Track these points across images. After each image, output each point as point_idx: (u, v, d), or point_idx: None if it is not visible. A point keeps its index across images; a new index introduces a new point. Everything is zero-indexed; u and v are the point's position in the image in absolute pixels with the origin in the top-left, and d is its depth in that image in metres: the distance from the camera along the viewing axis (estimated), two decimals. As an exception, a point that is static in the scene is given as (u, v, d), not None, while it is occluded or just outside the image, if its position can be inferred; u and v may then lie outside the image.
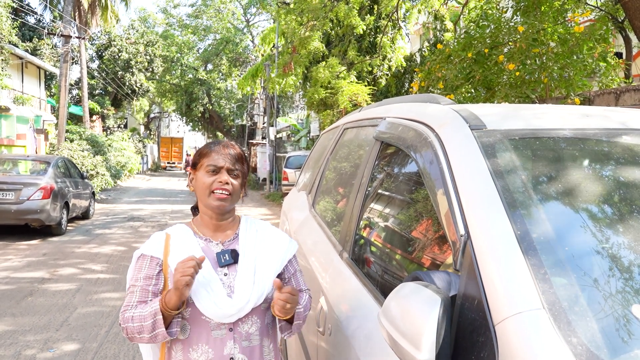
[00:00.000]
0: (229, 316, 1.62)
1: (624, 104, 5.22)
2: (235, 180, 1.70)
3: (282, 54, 14.08)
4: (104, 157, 20.55)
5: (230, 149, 1.73)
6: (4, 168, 11.11)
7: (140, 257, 1.70)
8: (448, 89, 6.29)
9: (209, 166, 1.68)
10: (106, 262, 8.12)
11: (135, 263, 1.70)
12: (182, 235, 1.73)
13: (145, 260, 1.68)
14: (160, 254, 1.68)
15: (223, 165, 1.68)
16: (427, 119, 1.74)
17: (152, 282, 1.65)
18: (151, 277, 1.65)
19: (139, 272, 1.66)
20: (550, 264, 1.08)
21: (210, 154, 1.70)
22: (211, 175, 1.68)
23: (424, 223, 1.68)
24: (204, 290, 1.61)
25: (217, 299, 1.61)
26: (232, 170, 1.69)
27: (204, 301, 1.60)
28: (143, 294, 1.64)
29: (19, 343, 4.65)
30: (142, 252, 1.69)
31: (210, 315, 1.61)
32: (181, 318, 1.63)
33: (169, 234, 1.74)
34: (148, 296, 1.63)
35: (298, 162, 17.05)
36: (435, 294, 1.09)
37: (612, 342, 0.96)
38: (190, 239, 1.72)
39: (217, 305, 1.60)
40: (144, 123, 44.89)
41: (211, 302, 1.60)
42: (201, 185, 1.69)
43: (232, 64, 38.22)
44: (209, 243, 1.73)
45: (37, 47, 25.65)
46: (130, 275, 1.70)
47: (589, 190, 1.35)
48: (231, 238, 1.75)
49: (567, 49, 5.65)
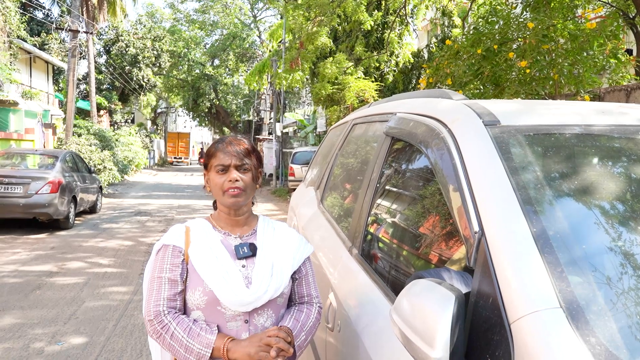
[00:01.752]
0: (246, 304, 1.62)
1: (635, 100, 5.16)
2: (245, 175, 1.70)
3: (290, 50, 14.03)
4: (112, 152, 20.61)
5: (235, 145, 1.72)
6: (13, 162, 11.17)
7: (161, 248, 1.70)
8: (456, 85, 6.25)
9: (218, 166, 1.69)
10: (113, 256, 8.15)
11: (155, 255, 1.71)
12: (202, 228, 1.74)
13: (168, 250, 1.68)
14: (182, 243, 1.69)
15: (230, 163, 1.68)
16: (440, 115, 1.72)
17: (178, 270, 1.65)
18: (177, 266, 1.65)
19: (162, 263, 1.66)
20: (567, 261, 1.06)
21: (217, 154, 1.71)
22: (221, 175, 1.69)
23: (435, 219, 1.66)
24: (223, 279, 1.62)
25: (235, 288, 1.61)
26: (240, 166, 1.69)
27: (222, 289, 1.60)
28: (172, 285, 1.63)
29: (27, 336, 4.68)
30: (164, 243, 1.70)
31: (228, 303, 1.61)
32: (196, 308, 1.64)
33: (189, 226, 1.75)
34: (177, 287, 1.63)
35: (304, 158, 17.04)
36: (450, 291, 1.08)
37: (632, 342, 0.94)
38: (209, 231, 1.73)
39: (234, 292, 1.61)
40: (151, 118, 44.98)
41: (229, 290, 1.61)
42: (214, 186, 1.71)
43: (239, 60, 38.22)
44: (228, 236, 1.74)
45: (45, 42, 25.75)
46: (152, 267, 1.70)
47: (605, 187, 1.33)
48: (249, 233, 1.77)
49: (577, 45, 5.59)
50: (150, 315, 1.60)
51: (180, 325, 1.58)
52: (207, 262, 1.64)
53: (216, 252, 1.67)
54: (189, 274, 1.66)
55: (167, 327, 1.58)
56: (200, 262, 1.64)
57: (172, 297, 1.62)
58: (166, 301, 1.61)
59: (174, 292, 1.62)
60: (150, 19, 38.28)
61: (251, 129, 39.92)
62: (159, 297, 1.61)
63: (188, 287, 1.65)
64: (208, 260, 1.64)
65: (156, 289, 1.63)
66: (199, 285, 1.63)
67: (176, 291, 1.63)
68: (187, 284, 1.65)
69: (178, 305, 1.63)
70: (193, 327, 1.58)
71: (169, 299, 1.62)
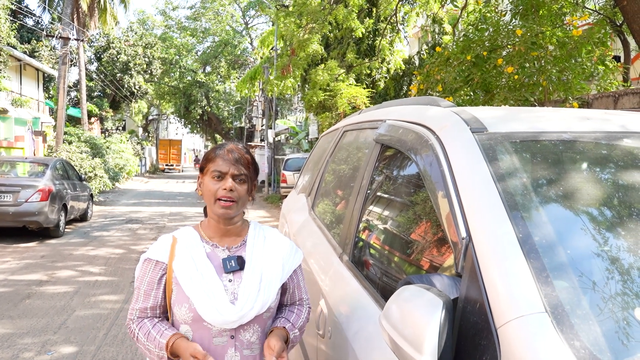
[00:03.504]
0: (230, 322, 1.61)
1: (622, 107, 5.23)
2: (240, 186, 1.67)
3: (281, 57, 14.07)
4: (102, 159, 20.51)
5: (236, 153, 1.68)
6: (2, 170, 11.08)
7: (145, 260, 1.72)
8: (447, 91, 6.29)
9: (214, 172, 1.66)
10: (104, 264, 8.10)
11: (141, 265, 1.73)
12: (189, 240, 1.72)
13: (150, 265, 1.70)
14: (165, 258, 1.69)
15: (227, 171, 1.65)
16: (428, 122, 1.74)
17: (153, 287, 1.69)
18: (153, 282, 1.69)
19: (143, 276, 1.70)
20: (552, 267, 1.08)
21: (216, 159, 1.68)
22: (216, 182, 1.66)
23: (425, 226, 1.68)
24: (206, 296, 1.60)
25: (219, 306, 1.60)
26: (237, 176, 1.66)
27: (205, 307, 1.59)
28: (145, 299, 1.69)
29: (16, 346, 4.63)
30: (148, 256, 1.71)
31: (211, 321, 1.60)
32: (184, 323, 1.66)
33: (176, 237, 1.73)
34: (149, 301, 1.68)
35: (296, 165, 17.05)
36: (437, 297, 1.09)
37: (615, 345, 0.95)
38: (196, 244, 1.71)
39: (218, 311, 1.59)
40: (143, 125, 44.85)
41: (213, 308, 1.59)
42: (207, 192, 1.68)
43: (230, 66, 38.26)
44: (215, 248, 1.72)
45: (35, 49, 25.64)
46: (137, 275, 1.74)
47: (590, 193, 1.35)
48: (238, 244, 1.74)
49: (565, 52, 5.65)
50: (128, 320, 1.71)
51: (141, 330, 1.65)
52: (190, 277, 1.63)
53: (201, 267, 1.65)
54: (175, 288, 1.65)
55: (134, 333, 1.67)
56: (184, 278, 1.63)
57: (143, 309, 1.68)
58: (138, 312, 1.68)
59: (145, 306, 1.68)
60: (142, 26, 38.21)
61: (243, 135, 39.91)
62: (134, 308, 1.70)
63: (175, 302, 1.65)
64: (191, 276, 1.63)
65: (134, 299, 1.71)
66: (185, 302, 1.62)
67: (147, 305, 1.68)
68: (174, 298, 1.65)
69: (149, 316, 1.68)
70: (152, 331, 1.63)
71: (140, 310, 1.68)
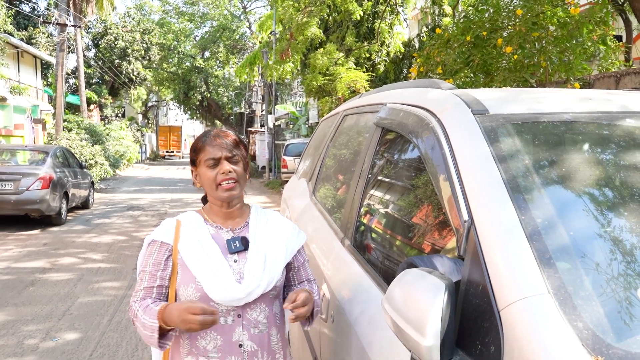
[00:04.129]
0: (237, 300, 1.63)
1: (624, 87, 5.20)
2: (236, 166, 1.69)
3: (280, 41, 13.97)
4: (103, 147, 20.48)
5: (223, 137, 1.71)
6: (3, 158, 11.07)
7: (150, 242, 1.73)
8: (447, 73, 6.25)
9: (208, 160, 1.68)
10: (106, 251, 8.13)
11: (145, 249, 1.74)
12: (193, 222, 1.74)
13: (156, 246, 1.71)
14: (170, 239, 1.70)
15: (220, 155, 1.67)
16: (429, 104, 1.73)
17: (160, 267, 1.68)
18: (160, 263, 1.69)
19: (148, 258, 1.70)
20: (554, 248, 1.08)
21: (205, 148, 1.69)
22: (213, 169, 1.68)
23: (426, 209, 1.67)
24: (213, 275, 1.62)
25: (226, 284, 1.62)
26: (231, 157, 1.69)
27: (212, 286, 1.61)
28: (151, 279, 1.67)
29: (21, 333, 4.67)
30: (153, 238, 1.72)
31: (218, 299, 1.62)
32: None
33: (180, 220, 1.75)
34: (155, 281, 1.67)
35: (297, 150, 17.01)
36: (440, 279, 1.09)
37: (618, 326, 0.95)
38: (200, 226, 1.73)
39: (225, 289, 1.62)
40: (142, 112, 44.67)
41: (220, 287, 1.62)
42: (206, 181, 1.70)
43: (229, 52, 37.99)
44: (220, 230, 1.74)
45: (32, 36, 25.43)
46: (141, 260, 1.74)
47: (592, 174, 1.34)
48: (241, 226, 1.77)
49: (566, 32, 5.59)
50: (130, 302, 1.69)
51: (141, 306, 1.63)
52: (197, 258, 1.65)
53: (206, 248, 1.67)
54: (180, 269, 1.67)
55: (134, 312, 1.64)
56: (191, 258, 1.65)
57: (149, 288, 1.67)
58: (142, 292, 1.67)
59: (151, 285, 1.67)
60: (139, 11, 37.88)
61: (243, 121, 39.78)
62: (139, 289, 1.68)
63: (180, 283, 1.66)
64: (198, 256, 1.65)
65: (138, 282, 1.70)
66: (192, 282, 1.64)
67: (153, 285, 1.67)
68: (179, 280, 1.66)
69: (154, 296, 1.67)
70: (151, 305, 1.62)
71: (145, 290, 1.67)
